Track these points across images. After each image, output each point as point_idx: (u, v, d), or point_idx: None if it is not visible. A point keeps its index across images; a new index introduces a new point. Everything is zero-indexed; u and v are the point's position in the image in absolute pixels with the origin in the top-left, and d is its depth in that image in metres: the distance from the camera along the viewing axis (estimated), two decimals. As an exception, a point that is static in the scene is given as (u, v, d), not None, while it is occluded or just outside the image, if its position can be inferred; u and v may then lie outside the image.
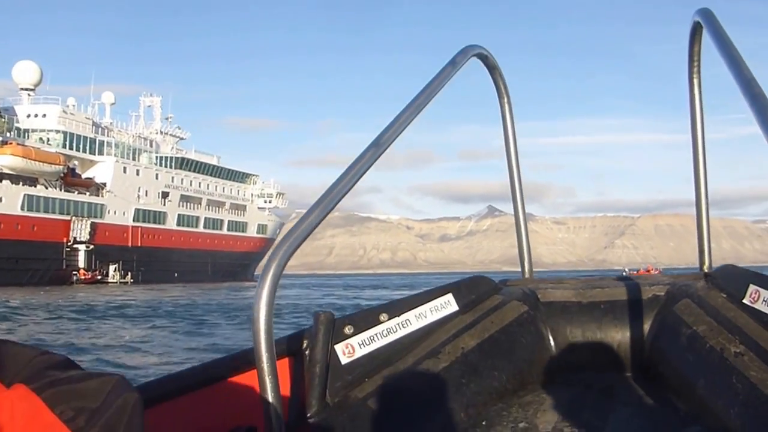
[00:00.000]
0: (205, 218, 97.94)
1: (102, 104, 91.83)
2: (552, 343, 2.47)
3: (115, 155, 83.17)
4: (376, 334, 2.07)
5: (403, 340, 2.13)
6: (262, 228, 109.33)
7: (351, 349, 1.99)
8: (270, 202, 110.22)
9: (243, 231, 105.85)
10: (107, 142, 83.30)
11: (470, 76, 2.56)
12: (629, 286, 2.54)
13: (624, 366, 2.43)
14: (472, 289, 2.46)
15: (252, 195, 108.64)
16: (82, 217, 76.99)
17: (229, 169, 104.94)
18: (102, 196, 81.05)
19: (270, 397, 1.62)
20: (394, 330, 2.12)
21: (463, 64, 2.42)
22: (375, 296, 43.78)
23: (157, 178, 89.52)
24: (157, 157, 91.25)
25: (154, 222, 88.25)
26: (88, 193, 79.08)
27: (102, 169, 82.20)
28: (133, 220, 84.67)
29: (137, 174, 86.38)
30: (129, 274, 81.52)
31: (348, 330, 2.01)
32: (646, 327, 2.41)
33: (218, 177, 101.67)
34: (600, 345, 2.43)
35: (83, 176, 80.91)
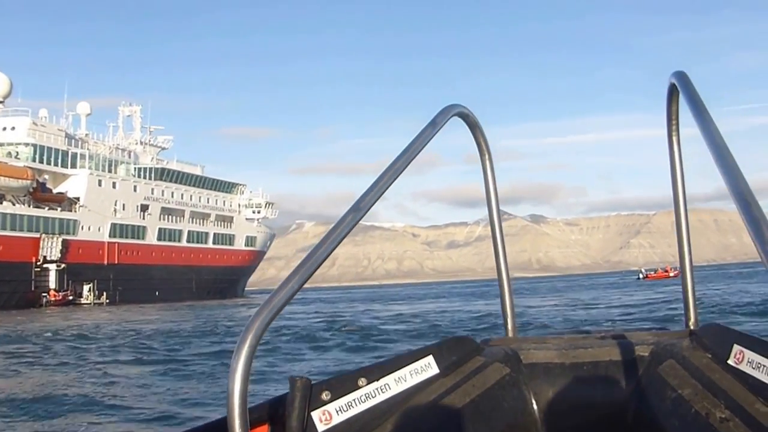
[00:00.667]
0: (189, 231, 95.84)
1: (77, 115, 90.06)
2: (535, 406, 2.46)
3: (89, 168, 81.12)
4: (354, 400, 2.04)
5: (382, 405, 2.10)
6: (251, 240, 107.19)
7: (328, 416, 1.96)
8: (259, 212, 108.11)
9: (230, 244, 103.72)
10: (80, 155, 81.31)
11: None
12: (613, 345, 2.51)
13: (608, 430, 2.40)
14: (454, 350, 2.45)
15: (239, 205, 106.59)
16: (53, 234, 74.94)
17: (214, 179, 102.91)
18: (75, 211, 79.01)
19: None
20: (373, 395, 2.09)
21: (443, 124, 2.43)
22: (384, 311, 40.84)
23: (135, 190, 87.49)
24: (135, 168, 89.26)
25: (133, 237, 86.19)
26: (59, 209, 77.07)
27: (75, 183, 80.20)
28: (110, 236, 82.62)
29: (113, 187, 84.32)
30: (104, 294, 79.31)
31: (325, 396, 1.98)
32: (630, 389, 2.40)
33: (202, 187, 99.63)
34: (584, 409, 2.42)
35: (56, 191, 78.99)
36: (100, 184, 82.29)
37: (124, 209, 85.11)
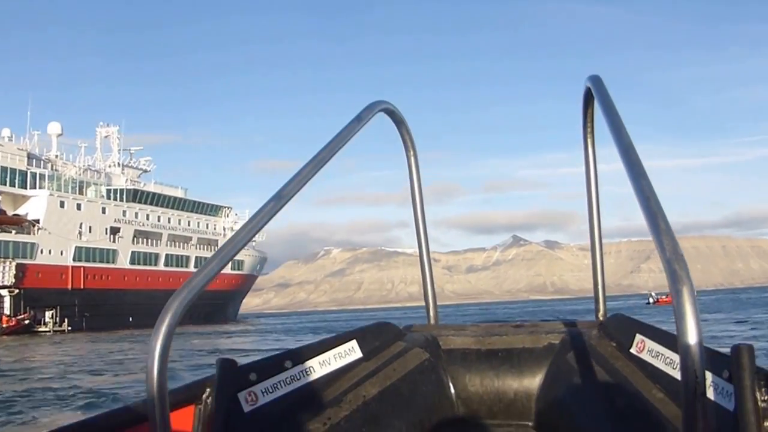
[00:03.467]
0: (167, 255, 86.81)
1: (50, 136, 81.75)
2: (452, 391, 2.47)
3: (50, 188, 72.46)
4: (279, 382, 2.03)
5: (307, 387, 2.11)
6: (237, 264, 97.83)
7: (254, 397, 1.94)
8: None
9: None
10: (40, 175, 72.67)
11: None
12: (526, 334, 2.53)
13: (521, 415, 2.41)
14: (377, 336, 2.45)
15: (224, 228, 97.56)
16: (5, 258, 66.20)
17: (196, 201, 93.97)
18: (34, 233, 70.31)
19: None
20: (298, 377, 2.09)
21: (369, 119, 2.36)
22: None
23: (104, 212, 78.65)
24: (106, 189, 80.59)
25: (102, 261, 77.24)
26: (14, 231, 68.38)
27: (35, 204, 71.60)
28: (74, 260, 73.73)
29: (78, 208, 75.51)
30: (66, 320, 70.09)
31: (252, 377, 1.96)
32: (541, 376, 2.41)
33: (182, 210, 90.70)
34: (498, 394, 2.44)
35: (14, 213, 70.43)
36: (62, 206, 73.54)
37: (90, 232, 76.25)
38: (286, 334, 51.05)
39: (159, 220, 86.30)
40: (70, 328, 69.42)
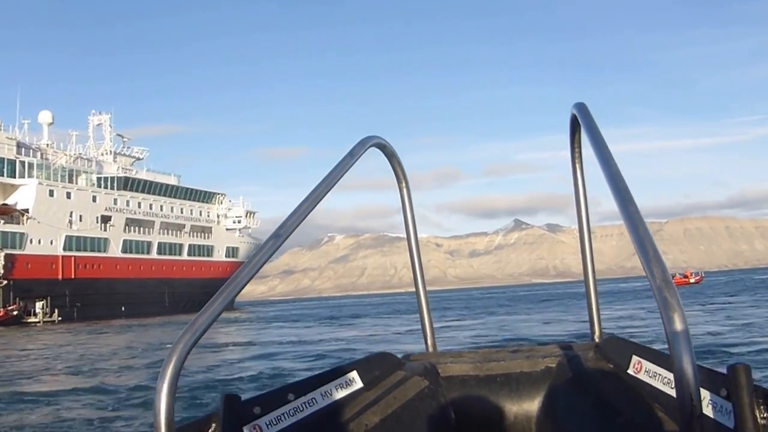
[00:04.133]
0: (159, 243, 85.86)
1: (40, 125, 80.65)
2: (453, 417, 2.47)
3: (39, 177, 71.43)
4: (283, 414, 2.05)
5: (310, 418, 2.12)
6: (232, 251, 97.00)
7: (259, 430, 1.95)
8: (239, 222, 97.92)
9: (209, 255, 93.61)
10: (29, 164, 71.64)
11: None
12: (523, 358, 2.55)
13: None
14: (376, 366, 2.48)
15: (218, 216, 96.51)
16: (-6, 248, 65.33)
17: (189, 189, 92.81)
18: (23, 223, 69.36)
19: None
20: (301, 409, 2.11)
21: (361, 154, 2.43)
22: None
23: (94, 200, 77.68)
24: (97, 177, 79.52)
25: (93, 250, 76.35)
26: (2, 221, 67.41)
27: (24, 194, 70.62)
28: (64, 249, 72.82)
29: (68, 197, 74.52)
30: (56, 311, 69.27)
31: (256, 411, 1.98)
32: (540, 399, 2.43)
33: (175, 197, 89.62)
34: (498, 418, 2.45)
35: (3, 202, 69.46)
36: (51, 195, 72.57)
37: (81, 221, 75.31)
38: (276, 321, 50.38)
39: (151, 208, 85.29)
40: (60, 318, 68.73)
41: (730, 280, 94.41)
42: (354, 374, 2.35)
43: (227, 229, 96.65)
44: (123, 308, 76.42)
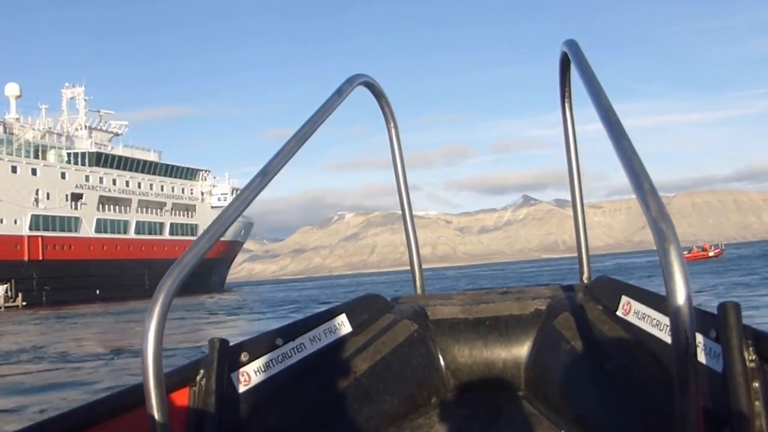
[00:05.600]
0: (138, 222, 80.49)
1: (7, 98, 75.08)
2: (442, 362, 2.45)
3: (1, 153, 65.94)
4: (271, 360, 2.04)
5: (299, 365, 2.10)
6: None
7: (247, 377, 1.96)
8: (225, 200, 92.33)
9: (193, 234, 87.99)
10: (-11, 139, 66.17)
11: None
12: (513, 300, 2.51)
13: (510, 384, 2.41)
14: (365, 309, 2.45)
15: (202, 193, 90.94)
16: (-54, 229, 60.14)
17: (170, 165, 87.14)
18: (-18, 202, 64.06)
19: None
20: (290, 355, 2.09)
21: (349, 93, 2.37)
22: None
23: (63, 177, 72.18)
24: (67, 153, 74.02)
25: (63, 230, 70.99)
26: (-42, 200, 62.15)
27: (-16, 171, 65.27)
28: (31, 229, 67.50)
29: (33, 174, 69.07)
30: (20, 295, 63.99)
31: (244, 357, 1.97)
32: (529, 343, 2.40)
33: (155, 174, 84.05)
34: (487, 364, 2.42)
35: (-38, 180, 64.21)
36: (14, 171, 67.12)
37: (48, 199, 69.92)
38: (255, 309, 44.76)
39: (128, 185, 79.77)
40: (25, 303, 63.49)
41: (753, 251, 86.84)
42: (343, 317, 2.29)
43: (212, 207, 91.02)
44: (98, 291, 71.28)
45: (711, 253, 73.24)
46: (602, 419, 1.87)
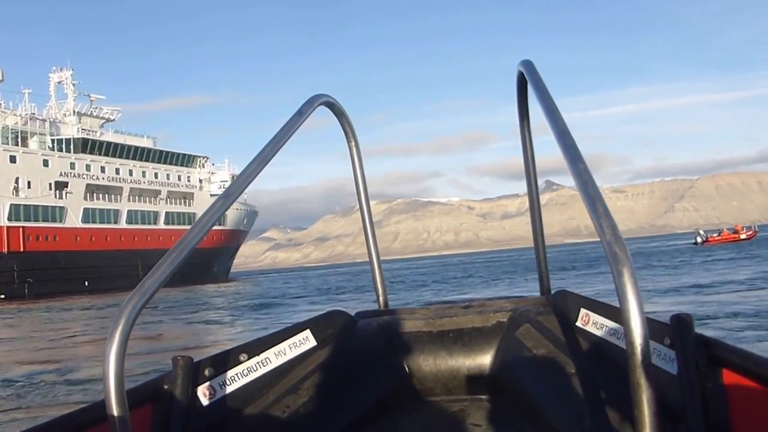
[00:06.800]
0: (129, 211, 75.78)
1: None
2: (407, 371, 2.48)
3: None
4: (236, 374, 2.04)
5: (264, 378, 2.12)
6: (219, 218, 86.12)
7: (212, 390, 1.96)
8: (225, 187, 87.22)
9: (190, 223, 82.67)
10: (-35, 125, 61.60)
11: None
12: (475, 314, 2.55)
13: (476, 390, 2.44)
14: (330, 324, 2.46)
15: (200, 180, 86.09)
16: None
17: (165, 151, 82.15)
18: (-43, 192, 59.62)
19: None
20: (254, 369, 2.10)
21: (310, 113, 2.38)
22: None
23: (46, 165, 67.47)
24: (52, 140, 69.39)
25: (46, 220, 66.37)
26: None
27: (-40, 159, 60.78)
28: (10, 219, 62.96)
29: (12, 161, 64.41)
30: (-1, 287, 59.46)
31: (208, 372, 1.97)
32: (492, 352, 2.44)
33: (148, 160, 79.22)
34: (451, 371, 2.46)
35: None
36: (-9, 159, 62.59)
37: (30, 187, 65.32)
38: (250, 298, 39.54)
39: (118, 173, 75.00)
40: (3, 296, 59.14)
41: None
42: (307, 333, 2.29)
43: (212, 195, 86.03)
44: (86, 283, 66.75)
45: (743, 236, 66.68)
46: (564, 420, 1.92)
